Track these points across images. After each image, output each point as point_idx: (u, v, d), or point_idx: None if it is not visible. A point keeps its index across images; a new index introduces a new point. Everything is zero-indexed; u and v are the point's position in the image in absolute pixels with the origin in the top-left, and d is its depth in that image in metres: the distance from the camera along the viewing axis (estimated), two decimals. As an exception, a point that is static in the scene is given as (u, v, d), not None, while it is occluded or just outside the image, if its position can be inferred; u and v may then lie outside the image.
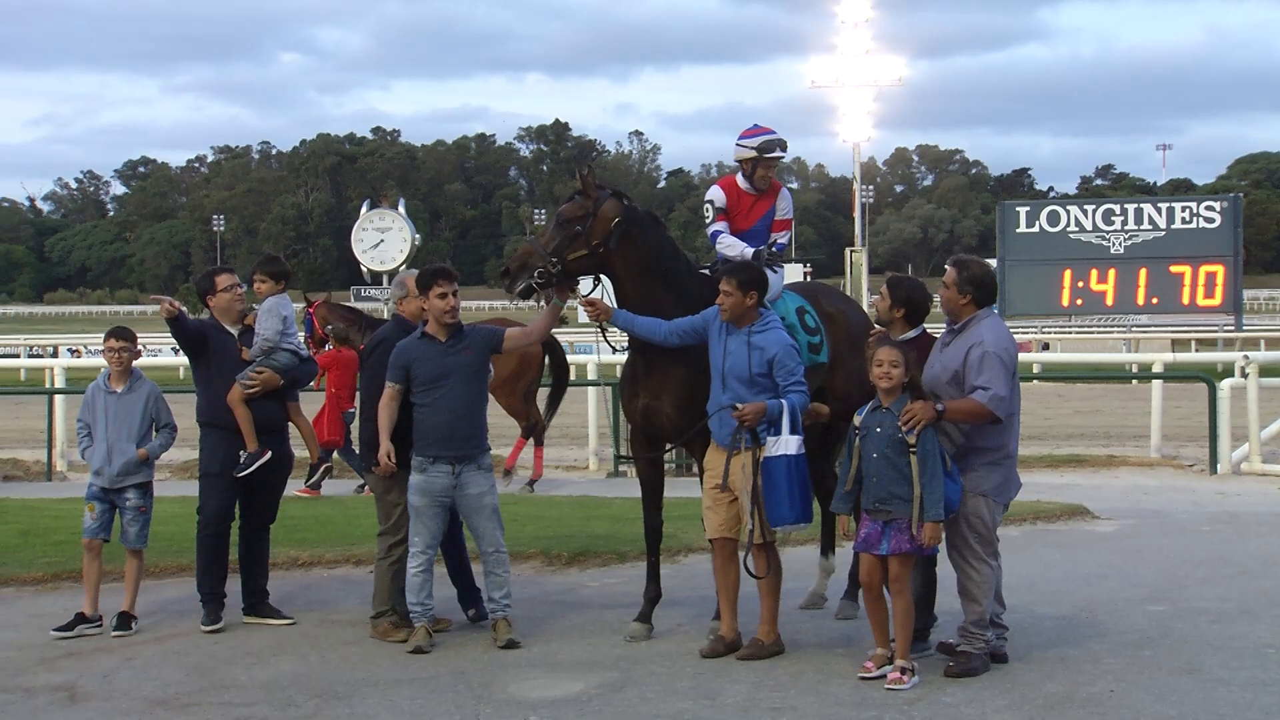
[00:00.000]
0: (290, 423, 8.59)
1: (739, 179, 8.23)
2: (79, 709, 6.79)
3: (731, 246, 8.04)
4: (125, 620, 8.20)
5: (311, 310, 14.76)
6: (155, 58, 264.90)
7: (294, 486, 8.85)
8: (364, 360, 8.35)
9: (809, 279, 34.40)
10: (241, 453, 8.20)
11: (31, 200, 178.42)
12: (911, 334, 7.35)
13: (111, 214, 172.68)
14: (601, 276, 7.85)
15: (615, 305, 7.76)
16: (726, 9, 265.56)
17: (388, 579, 7.98)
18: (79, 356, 36.34)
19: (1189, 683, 6.83)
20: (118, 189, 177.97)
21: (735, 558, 7.52)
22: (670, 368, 7.70)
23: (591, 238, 7.65)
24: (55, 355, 37.94)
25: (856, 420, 7.06)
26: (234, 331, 8.41)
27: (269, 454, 8.25)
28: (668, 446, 8.17)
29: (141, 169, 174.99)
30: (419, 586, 7.74)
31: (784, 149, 8.17)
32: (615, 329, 7.88)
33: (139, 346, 8.62)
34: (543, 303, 7.87)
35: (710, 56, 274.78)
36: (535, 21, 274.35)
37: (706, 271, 8.17)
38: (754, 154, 8.11)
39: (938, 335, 7.49)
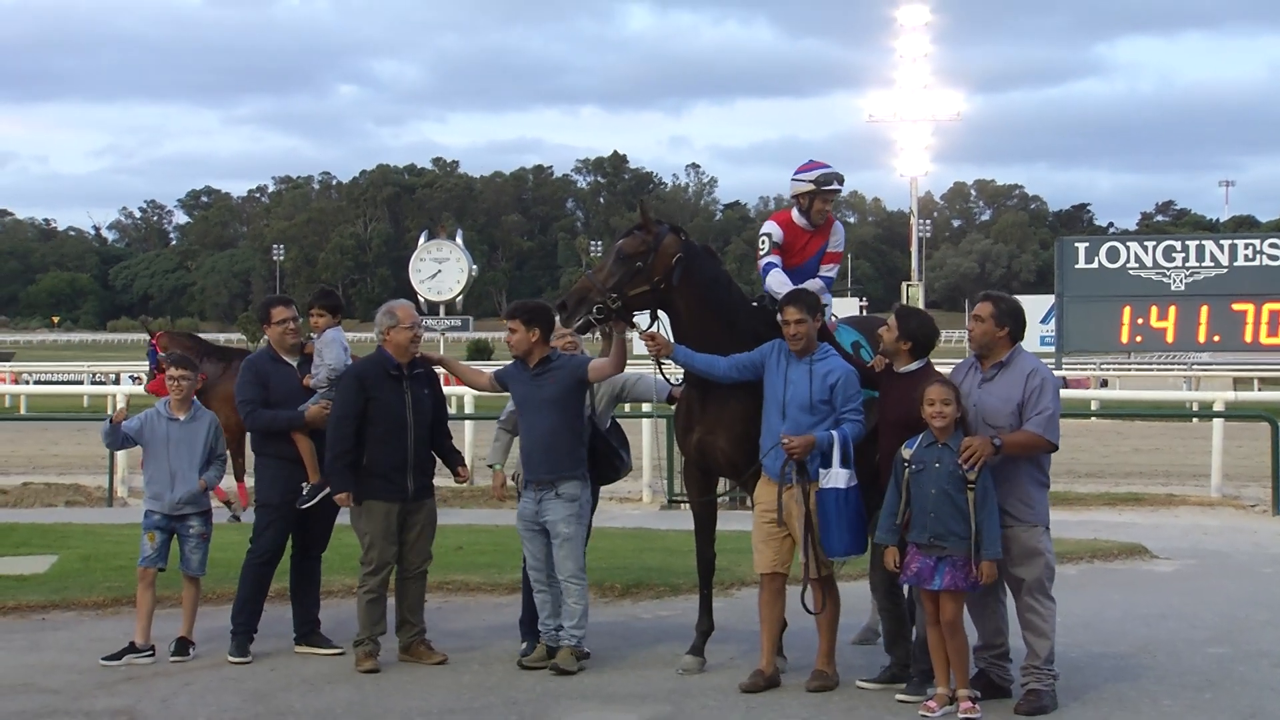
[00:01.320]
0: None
1: (794, 214, 8.22)
2: (137, 732, 6.87)
3: (783, 285, 7.97)
4: (184, 646, 8.28)
5: (154, 340, 15.25)
6: (215, 89, 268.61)
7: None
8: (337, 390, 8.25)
9: (864, 312, 34.30)
10: (304, 485, 8.26)
11: (97, 229, 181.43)
12: (915, 365, 7.38)
13: (174, 243, 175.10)
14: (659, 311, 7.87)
15: (671, 339, 7.77)
16: (781, 43, 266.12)
17: (363, 607, 8.05)
18: (140, 383, 36.74)
19: (1250, 726, 6.73)
20: (180, 218, 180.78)
21: (783, 593, 7.56)
22: (725, 402, 7.70)
23: (653, 273, 7.66)
24: (117, 382, 38.32)
25: (906, 453, 7.04)
26: (293, 362, 8.46)
27: (329, 488, 8.24)
28: (722, 488, 8.20)
29: (204, 199, 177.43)
30: (539, 606, 8.03)
31: (841, 182, 8.16)
32: (673, 363, 7.89)
33: (199, 375, 8.70)
34: (597, 335, 7.91)
35: (765, 90, 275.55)
36: (590, 54, 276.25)
37: (755, 305, 8.20)
38: (811, 187, 8.09)
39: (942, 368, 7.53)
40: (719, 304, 7.82)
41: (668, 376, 8.13)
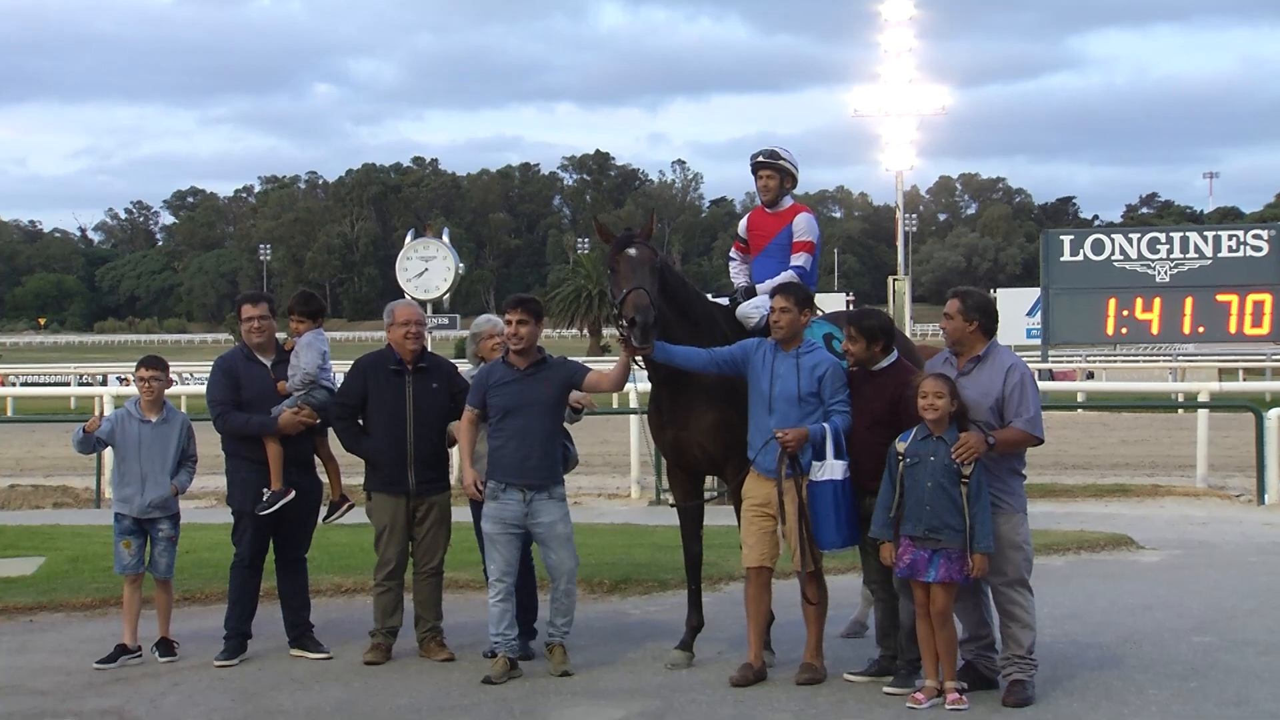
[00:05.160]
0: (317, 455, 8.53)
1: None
2: (127, 733, 6.87)
3: (735, 275, 8.43)
4: (168, 646, 8.25)
5: None
6: (191, 90, 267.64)
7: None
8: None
9: (850, 307, 34.35)
10: (265, 490, 8.12)
11: (82, 230, 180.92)
12: (887, 361, 7.45)
13: (160, 244, 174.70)
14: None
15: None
16: (755, 39, 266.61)
17: (374, 600, 8.25)
18: (128, 385, 36.73)
19: (1236, 715, 6.78)
20: (166, 219, 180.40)
21: (769, 587, 7.60)
22: (695, 396, 7.75)
23: (658, 279, 7.63)
24: (104, 384, 38.30)
25: (900, 446, 7.07)
26: (266, 362, 8.31)
27: (293, 494, 8.13)
28: (707, 486, 8.25)
29: (190, 199, 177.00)
30: (498, 617, 7.72)
31: (768, 155, 8.27)
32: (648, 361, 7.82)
33: (171, 376, 8.52)
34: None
35: (741, 86, 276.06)
36: (566, 52, 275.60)
37: (725, 301, 8.30)
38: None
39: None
40: (683, 303, 7.86)
41: (643, 366, 8.02)
